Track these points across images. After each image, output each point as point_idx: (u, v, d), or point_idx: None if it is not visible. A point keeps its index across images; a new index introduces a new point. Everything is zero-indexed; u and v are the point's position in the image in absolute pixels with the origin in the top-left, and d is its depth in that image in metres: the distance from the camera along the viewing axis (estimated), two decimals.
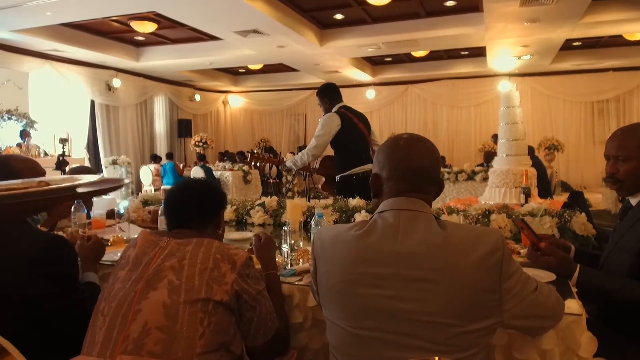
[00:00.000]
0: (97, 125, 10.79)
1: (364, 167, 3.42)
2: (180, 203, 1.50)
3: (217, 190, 1.60)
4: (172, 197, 1.52)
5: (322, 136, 3.45)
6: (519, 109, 4.37)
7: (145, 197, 3.05)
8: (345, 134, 3.43)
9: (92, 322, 1.27)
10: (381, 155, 1.24)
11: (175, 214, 1.50)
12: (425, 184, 1.19)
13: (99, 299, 1.32)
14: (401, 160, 1.20)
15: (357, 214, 2.45)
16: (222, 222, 1.60)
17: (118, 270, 1.36)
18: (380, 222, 1.15)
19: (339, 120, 3.43)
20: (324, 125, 3.46)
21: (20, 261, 1.35)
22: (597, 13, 7.40)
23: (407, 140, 1.24)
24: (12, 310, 1.32)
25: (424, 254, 1.06)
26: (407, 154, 1.20)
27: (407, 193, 1.17)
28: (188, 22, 7.63)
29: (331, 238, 1.20)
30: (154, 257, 1.32)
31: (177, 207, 1.50)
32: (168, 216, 1.51)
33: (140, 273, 1.29)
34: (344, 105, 3.60)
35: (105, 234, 2.29)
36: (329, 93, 3.68)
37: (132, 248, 1.39)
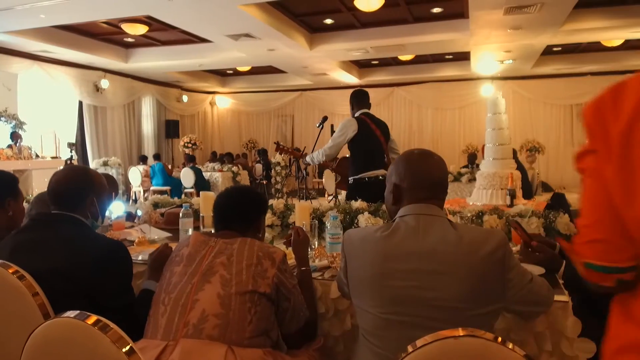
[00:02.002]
0: (85, 126, 10.78)
1: (376, 172, 3.63)
2: (225, 208, 1.69)
3: (258, 197, 1.78)
4: (219, 203, 1.70)
5: (338, 138, 3.65)
6: (505, 116, 4.61)
7: (156, 200, 3.20)
8: (362, 139, 3.61)
9: (154, 311, 1.44)
10: (402, 168, 1.44)
11: (221, 217, 1.68)
12: (440, 192, 1.42)
13: (158, 290, 1.50)
14: (421, 173, 1.42)
15: (360, 216, 2.64)
16: (262, 226, 1.78)
17: (173, 266, 1.54)
18: (402, 225, 1.35)
19: (356, 125, 3.63)
20: (341, 129, 3.66)
21: (87, 261, 1.51)
22: (577, 21, 7.71)
23: (423, 155, 1.46)
24: (79, 304, 1.48)
25: (441, 251, 1.27)
26: (427, 168, 1.42)
27: (425, 200, 1.38)
28: (181, 25, 7.72)
29: (360, 239, 1.39)
30: (206, 255, 1.51)
31: (222, 211, 1.69)
32: (216, 219, 1.69)
33: (194, 268, 1.48)
34: (366, 112, 3.77)
35: (127, 235, 2.44)
36: (355, 98, 3.86)
37: (186, 247, 1.57)
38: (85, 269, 1.50)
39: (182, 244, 1.61)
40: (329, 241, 2.04)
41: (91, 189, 1.73)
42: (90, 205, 1.71)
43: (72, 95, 10.32)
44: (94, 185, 1.75)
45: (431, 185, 1.40)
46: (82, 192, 1.70)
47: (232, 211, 1.67)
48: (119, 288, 1.59)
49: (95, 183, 1.76)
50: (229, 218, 1.66)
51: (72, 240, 1.59)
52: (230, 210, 1.67)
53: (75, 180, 1.72)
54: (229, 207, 1.68)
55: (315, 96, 14.71)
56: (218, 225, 1.69)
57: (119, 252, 1.62)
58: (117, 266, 1.59)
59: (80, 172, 1.77)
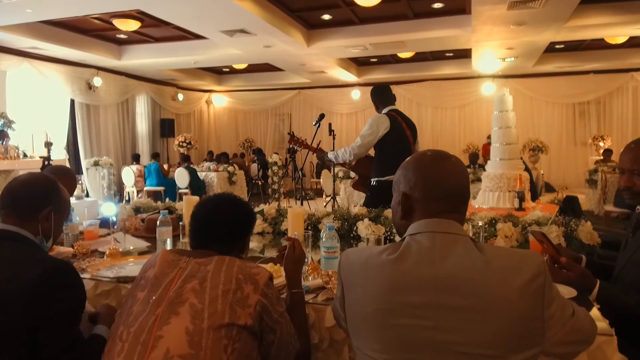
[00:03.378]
0: (77, 125, 10.52)
1: None
2: (204, 224, 1.41)
3: (246, 211, 1.50)
4: (197, 216, 1.43)
5: (368, 136, 3.31)
6: (512, 113, 4.37)
7: (137, 204, 2.94)
8: (391, 138, 3.30)
9: (109, 349, 1.19)
10: (411, 174, 1.19)
11: (198, 234, 1.41)
12: (460, 204, 1.15)
13: (117, 322, 1.24)
14: (437, 180, 1.14)
15: (359, 223, 2.39)
16: (247, 245, 1.51)
17: (137, 291, 1.28)
18: (414, 245, 1.08)
19: (389, 122, 3.31)
20: (372, 125, 3.32)
21: (25, 286, 1.26)
22: (582, 17, 7.50)
23: (438, 157, 1.19)
24: (17, 340, 1.23)
25: (464, 280, 1.00)
26: (443, 174, 1.15)
27: (441, 214, 1.11)
28: (173, 20, 7.48)
29: (362, 263, 1.12)
30: (174, 279, 1.25)
31: (200, 228, 1.41)
32: (192, 235, 1.42)
33: (160, 295, 1.22)
34: (396, 109, 3.46)
35: (99, 246, 2.19)
36: (377, 95, 3.53)
37: (152, 268, 1.31)
38: (22, 296, 1.25)
39: (149, 263, 1.34)
40: (324, 255, 1.75)
41: (51, 199, 1.48)
42: (45, 219, 1.46)
43: (63, 94, 10.06)
44: (56, 197, 1.51)
45: (449, 195, 1.13)
46: (39, 201, 1.46)
47: (212, 228, 1.40)
48: (63, 321, 1.31)
49: (57, 195, 1.52)
50: (208, 236, 1.39)
51: (10, 261, 1.33)
52: (209, 227, 1.40)
53: (35, 187, 1.48)
54: (209, 223, 1.40)
55: (313, 94, 14.48)
56: (194, 242, 1.41)
57: (65, 275, 1.34)
58: (62, 294, 1.30)
59: (42, 179, 1.52)
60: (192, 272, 1.25)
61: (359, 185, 3.61)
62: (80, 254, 2.02)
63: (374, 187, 3.34)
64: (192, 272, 1.25)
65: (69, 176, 2.49)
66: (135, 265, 1.84)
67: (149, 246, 2.30)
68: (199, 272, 1.24)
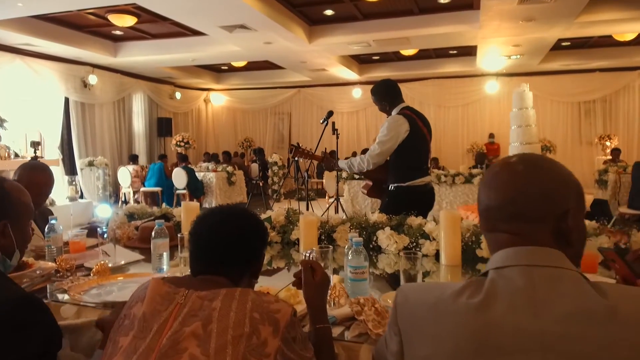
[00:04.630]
0: (72, 124, 10.24)
1: (423, 179, 3.02)
2: (211, 243, 1.12)
3: (260, 224, 1.23)
4: (199, 234, 1.15)
5: (387, 142, 2.93)
6: (532, 111, 4.12)
7: (131, 210, 2.67)
8: (411, 140, 2.94)
9: None
10: (495, 185, 0.90)
11: (202, 257, 1.13)
12: (563, 226, 0.86)
13: None
14: (528, 195, 0.86)
15: (379, 232, 2.13)
16: (261, 268, 1.23)
17: (119, 335, 0.99)
18: (502, 284, 0.80)
19: (408, 124, 2.92)
20: (390, 129, 2.93)
21: None
22: (593, 12, 7.28)
23: (530, 163, 0.91)
24: None
25: (579, 336, 0.73)
26: (544, 188, 0.86)
27: (537, 241, 0.84)
28: (171, 15, 7.21)
29: (430, 307, 0.84)
30: (169, 319, 0.97)
31: (205, 248, 1.12)
32: (193, 258, 1.14)
33: (150, 343, 0.94)
34: (409, 107, 3.09)
35: (86, 259, 1.92)
36: (388, 93, 3.10)
37: (139, 303, 1.02)
38: None
39: (137, 296, 1.06)
40: (350, 277, 1.42)
41: (2, 212, 1.22)
42: (1, 235, 1.21)
43: (57, 92, 9.79)
44: (8, 206, 1.24)
45: (547, 214, 0.85)
46: None
47: (219, 249, 1.12)
48: None
49: (10, 204, 1.25)
50: (212, 259, 1.11)
51: None
52: (214, 248, 1.12)
53: None
54: (214, 243, 1.12)
55: (314, 93, 14.23)
56: (195, 267, 1.13)
57: (30, 312, 1.07)
58: (27, 335, 1.04)
59: None
60: (193, 309, 0.97)
61: (374, 191, 3.29)
62: (63, 270, 1.75)
63: (392, 193, 3.03)
64: (193, 309, 0.97)
65: (45, 172, 2.28)
66: (124, 286, 1.58)
67: (141, 259, 2.04)
68: (201, 310, 0.96)
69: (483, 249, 1.93)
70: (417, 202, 2.77)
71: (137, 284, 1.61)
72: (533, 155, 0.95)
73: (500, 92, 12.71)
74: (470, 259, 1.96)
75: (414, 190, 2.97)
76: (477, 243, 1.96)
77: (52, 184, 2.33)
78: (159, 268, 1.76)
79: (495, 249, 0.89)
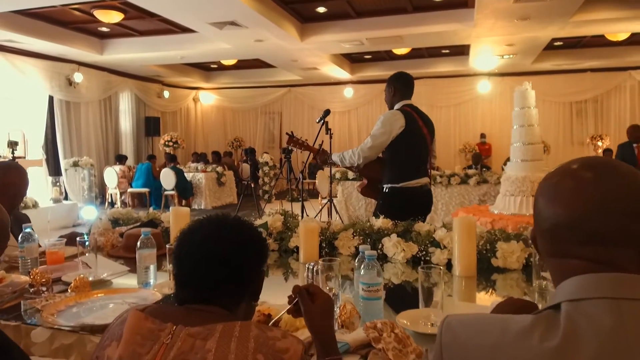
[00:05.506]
0: (56, 123, 9.95)
1: (420, 180, 2.87)
2: (201, 264, 0.92)
3: (259, 236, 1.04)
4: (185, 253, 0.94)
5: (380, 136, 2.82)
6: (535, 110, 4.00)
7: (115, 215, 2.49)
8: (407, 138, 2.82)
9: None
10: (559, 203, 0.72)
11: (190, 282, 0.93)
12: None
13: None
14: (615, 210, 0.68)
15: (385, 240, 1.98)
16: (261, 288, 1.04)
17: None
18: (584, 323, 0.64)
19: (404, 120, 2.81)
20: (385, 124, 2.83)
21: None
22: (588, 11, 7.23)
23: (603, 170, 0.72)
24: None
25: None
26: (630, 202, 0.68)
27: (620, 266, 0.67)
28: (159, 11, 7.00)
29: (490, 351, 0.67)
30: None
31: (194, 271, 0.92)
32: (179, 284, 0.94)
33: None
34: (411, 104, 2.96)
35: (65, 272, 1.73)
36: (399, 82, 2.99)
37: (114, 343, 0.84)
38: None
39: (111, 334, 0.88)
40: (362, 295, 1.24)
41: None
42: None
43: (41, 90, 9.50)
44: None
45: (634, 235, 0.67)
46: None
47: (211, 271, 0.92)
48: None
49: None
50: (203, 284, 0.92)
51: None
52: (206, 270, 0.92)
53: None
54: (205, 263, 0.93)
55: (305, 92, 14.07)
56: (182, 295, 0.94)
57: None
58: None
59: None
60: (183, 351, 0.79)
61: (368, 190, 3.15)
62: (37, 285, 1.57)
63: (386, 195, 2.89)
64: (183, 351, 0.79)
65: (17, 171, 2.13)
66: (106, 303, 1.41)
67: (129, 270, 1.86)
68: (193, 353, 0.79)
69: (499, 258, 1.78)
70: (412, 204, 2.65)
71: (121, 301, 1.45)
72: (597, 159, 0.77)
73: (492, 92, 12.67)
74: (484, 269, 1.81)
75: (408, 192, 2.83)
76: (492, 251, 1.81)
77: (26, 184, 2.18)
78: (145, 282, 1.59)
79: (562, 277, 0.71)
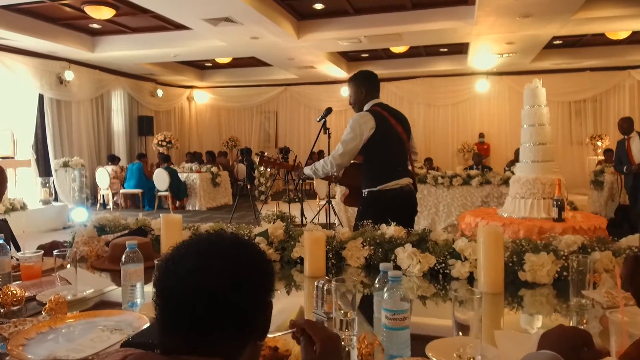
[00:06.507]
0: (47, 122, 9.71)
1: (399, 181, 2.70)
2: (191, 304, 0.70)
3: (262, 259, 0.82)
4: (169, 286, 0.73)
5: (350, 141, 2.68)
6: (546, 109, 3.83)
7: (101, 221, 2.28)
8: (379, 138, 2.68)
9: None
10: None
11: (178, 325, 0.72)
12: None
13: None
14: None
15: (398, 250, 1.80)
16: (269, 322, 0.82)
17: None
18: None
19: (374, 121, 2.67)
20: (353, 127, 2.69)
21: None
22: (591, 9, 7.10)
23: None
24: None
25: None
26: None
27: None
28: (152, 7, 6.79)
29: None
30: None
31: (182, 311, 0.71)
32: (163, 326, 0.73)
33: None
34: (381, 103, 2.81)
35: (41, 289, 1.53)
36: (369, 82, 2.84)
37: None
38: None
39: None
40: (385, 324, 1.04)
41: None
42: None
43: (31, 88, 9.26)
44: None
45: None
46: None
47: (203, 310, 0.71)
48: None
49: None
50: (194, 328, 0.71)
51: None
52: (196, 310, 0.71)
53: None
54: (194, 301, 0.71)
55: (301, 91, 13.88)
56: (167, 341, 0.73)
57: None
58: None
59: None
60: None
61: (351, 199, 3.00)
62: (8, 306, 1.37)
63: (366, 200, 2.74)
64: None
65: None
66: (86, 329, 1.21)
67: (114, 287, 1.66)
68: None
69: (527, 271, 1.61)
70: (393, 207, 2.50)
71: (102, 327, 1.25)
72: None
73: (490, 92, 12.55)
74: (509, 282, 1.63)
75: (387, 195, 2.67)
76: (519, 264, 1.64)
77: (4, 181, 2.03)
78: (131, 302, 1.40)
79: None
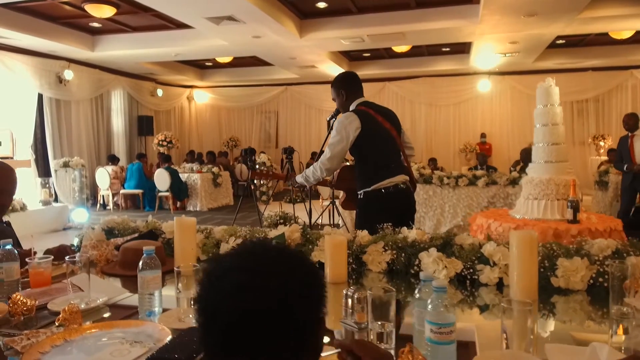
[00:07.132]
0: (46, 122, 9.61)
1: (393, 179, 2.62)
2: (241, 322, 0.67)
3: (315, 274, 0.76)
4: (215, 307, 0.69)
5: (337, 144, 2.62)
6: (559, 108, 3.77)
7: (110, 224, 2.21)
8: (367, 137, 2.62)
9: None
10: None
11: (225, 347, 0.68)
12: None
13: None
14: None
15: (422, 254, 1.73)
16: (322, 342, 0.78)
17: None
18: None
19: (359, 121, 2.61)
20: (339, 130, 2.63)
21: None
22: (596, 8, 7.05)
23: None
24: None
25: None
26: None
27: None
28: (153, 5, 6.70)
29: None
30: None
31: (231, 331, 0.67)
32: (209, 348, 0.70)
33: None
34: (365, 101, 2.77)
35: (51, 297, 1.46)
36: (348, 84, 2.82)
37: None
38: None
39: None
40: (430, 338, 0.97)
41: None
42: None
43: (30, 87, 9.16)
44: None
45: None
46: None
47: (253, 329, 0.67)
48: None
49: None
50: (242, 348, 0.67)
51: None
52: (245, 328, 0.67)
53: None
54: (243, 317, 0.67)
55: (302, 91, 13.80)
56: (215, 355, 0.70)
57: None
58: None
59: None
60: None
61: (349, 203, 2.96)
62: (18, 316, 1.30)
63: (361, 202, 2.67)
64: None
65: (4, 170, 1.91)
66: (103, 343, 1.14)
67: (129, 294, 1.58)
68: None
69: (560, 277, 1.54)
70: (388, 207, 2.48)
71: (121, 339, 1.18)
72: None
73: (492, 91, 12.50)
74: (541, 288, 1.56)
75: (382, 194, 2.60)
76: (551, 269, 1.57)
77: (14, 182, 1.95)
78: (149, 311, 1.32)
79: None
